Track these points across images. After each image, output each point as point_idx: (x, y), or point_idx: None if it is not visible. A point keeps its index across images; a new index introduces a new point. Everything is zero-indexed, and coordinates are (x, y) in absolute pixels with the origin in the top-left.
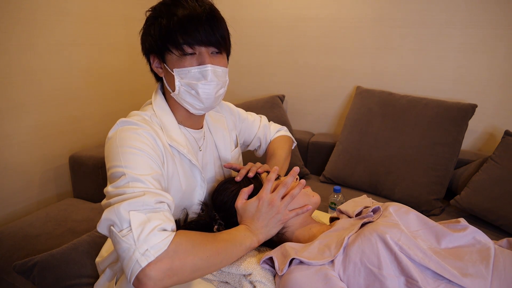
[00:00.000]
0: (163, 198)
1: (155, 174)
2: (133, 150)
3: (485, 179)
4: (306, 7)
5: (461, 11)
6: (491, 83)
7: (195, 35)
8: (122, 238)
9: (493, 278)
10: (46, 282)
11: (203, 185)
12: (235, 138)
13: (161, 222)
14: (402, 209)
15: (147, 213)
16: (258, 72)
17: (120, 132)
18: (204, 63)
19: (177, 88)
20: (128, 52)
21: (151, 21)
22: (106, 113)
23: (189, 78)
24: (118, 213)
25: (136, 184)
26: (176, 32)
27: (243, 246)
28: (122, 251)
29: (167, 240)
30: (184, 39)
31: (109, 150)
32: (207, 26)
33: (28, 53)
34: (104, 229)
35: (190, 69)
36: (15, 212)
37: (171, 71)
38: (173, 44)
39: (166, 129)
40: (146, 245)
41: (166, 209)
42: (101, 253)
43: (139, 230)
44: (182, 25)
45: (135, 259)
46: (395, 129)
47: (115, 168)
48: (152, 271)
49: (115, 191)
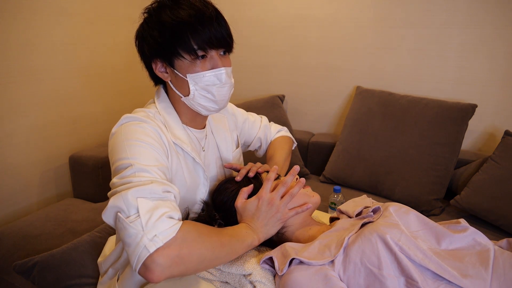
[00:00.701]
0: (170, 188)
1: (161, 166)
2: (139, 143)
3: (485, 179)
4: (306, 7)
5: (461, 11)
6: (491, 83)
7: (210, 39)
8: (130, 224)
9: (492, 280)
10: (46, 282)
11: (206, 184)
12: (236, 139)
13: (169, 210)
14: (402, 209)
15: (154, 201)
16: (258, 72)
17: (125, 127)
18: (217, 66)
19: (192, 92)
20: (128, 52)
21: (152, 24)
22: (106, 113)
23: (204, 82)
24: (126, 199)
25: (143, 174)
26: (188, 36)
27: (245, 243)
28: (128, 236)
29: (175, 227)
30: (198, 44)
31: (114, 145)
32: (218, 28)
33: (28, 53)
34: (110, 217)
35: (204, 73)
36: (15, 212)
37: (184, 76)
38: (185, 49)
39: (170, 127)
40: (155, 231)
41: (173, 199)
42: (103, 252)
43: (147, 216)
44: (194, 29)
45: (142, 245)
46: (395, 129)
47: (121, 161)
48: (160, 257)
49: (121, 181)
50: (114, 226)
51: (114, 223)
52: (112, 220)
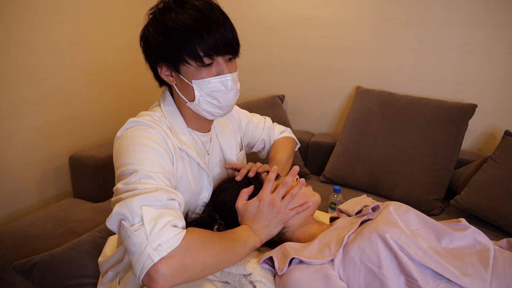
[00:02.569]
0: (174, 195)
1: (166, 173)
2: (144, 149)
3: (485, 179)
4: (306, 7)
5: (461, 11)
6: (491, 83)
7: (216, 46)
8: (134, 233)
9: (492, 280)
10: (46, 282)
11: (209, 188)
12: (240, 141)
13: (173, 218)
14: (402, 208)
15: (159, 209)
16: (258, 72)
17: (131, 131)
18: (223, 72)
19: (197, 98)
20: (128, 52)
21: (157, 28)
22: (106, 113)
23: (209, 88)
24: (131, 207)
25: (148, 180)
26: (194, 43)
27: (247, 246)
28: (132, 245)
29: (179, 236)
30: (204, 51)
31: (119, 149)
32: (224, 33)
33: (28, 53)
34: (114, 224)
35: (210, 79)
36: (15, 212)
37: (189, 82)
38: (191, 56)
39: (176, 131)
40: (159, 240)
41: (177, 207)
42: (104, 252)
43: (151, 224)
44: (200, 35)
45: (147, 254)
46: (395, 129)
47: (126, 166)
48: (163, 267)
49: (126, 187)
50: (118, 233)
51: (118, 230)
52: (116, 227)
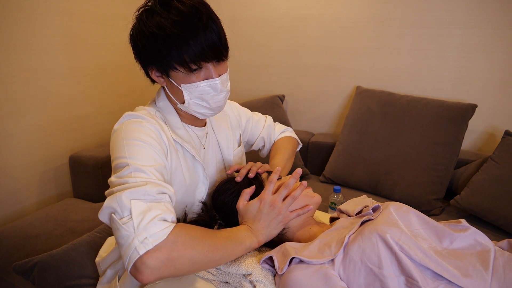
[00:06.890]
0: (165, 189)
1: (158, 166)
2: (137, 142)
3: (485, 179)
4: (306, 7)
5: (461, 11)
6: (491, 83)
7: (202, 51)
8: (122, 226)
9: (492, 281)
10: (46, 282)
11: (206, 182)
12: (238, 137)
13: (161, 212)
14: (403, 208)
15: (148, 203)
16: (258, 72)
17: (126, 125)
18: (211, 76)
19: (187, 101)
20: (128, 52)
21: (144, 34)
22: (105, 113)
23: (198, 92)
24: (120, 201)
25: (139, 174)
26: (180, 50)
27: (243, 245)
28: (121, 238)
29: (166, 230)
30: (190, 57)
31: (114, 142)
32: (210, 36)
33: (28, 53)
34: (105, 217)
35: (199, 83)
36: (15, 212)
37: (178, 86)
38: (178, 63)
39: (170, 125)
40: (146, 233)
41: (168, 200)
42: (99, 253)
43: (139, 218)
44: (184, 42)
45: (133, 247)
46: (395, 129)
47: (120, 159)
48: (149, 259)
49: (118, 181)
50: (110, 225)
51: (110, 223)
52: (107, 219)
